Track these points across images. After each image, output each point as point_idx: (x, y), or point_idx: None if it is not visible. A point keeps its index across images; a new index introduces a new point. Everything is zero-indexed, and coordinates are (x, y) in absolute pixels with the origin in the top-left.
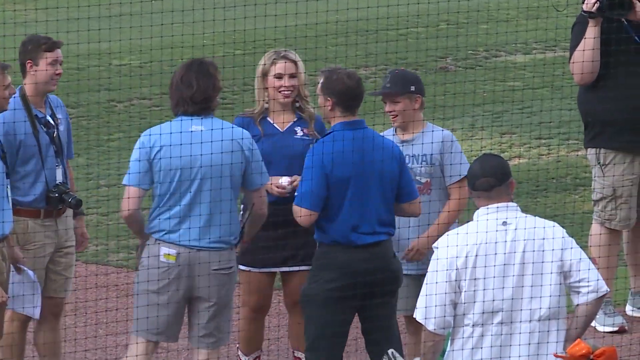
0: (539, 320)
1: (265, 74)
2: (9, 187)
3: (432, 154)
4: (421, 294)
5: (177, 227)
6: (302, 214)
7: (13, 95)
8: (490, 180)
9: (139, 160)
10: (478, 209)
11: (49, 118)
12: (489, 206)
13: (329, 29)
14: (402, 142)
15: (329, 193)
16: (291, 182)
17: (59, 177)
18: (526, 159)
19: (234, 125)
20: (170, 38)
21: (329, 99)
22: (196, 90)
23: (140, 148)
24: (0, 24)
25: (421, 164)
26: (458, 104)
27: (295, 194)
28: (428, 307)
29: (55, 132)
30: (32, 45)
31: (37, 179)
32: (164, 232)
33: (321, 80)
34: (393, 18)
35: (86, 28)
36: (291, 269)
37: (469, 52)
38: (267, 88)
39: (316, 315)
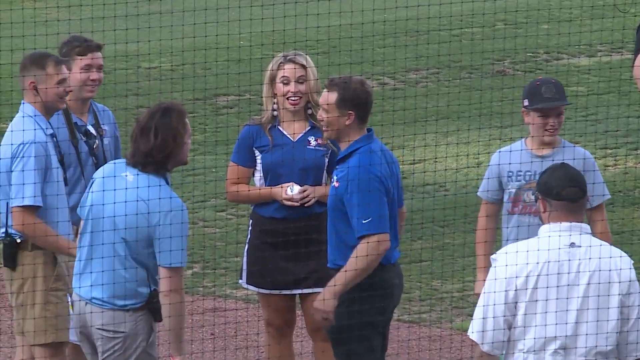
0: (606, 348)
1: (272, 80)
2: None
3: None
4: (476, 314)
5: (78, 275)
6: (379, 239)
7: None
8: (577, 190)
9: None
10: (544, 224)
11: (90, 127)
12: (562, 223)
13: (376, 29)
14: (538, 157)
15: None
16: (301, 192)
17: None
18: None
19: (161, 184)
20: (204, 39)
21: (351, 112)
22: (153, 146)
23: None
24: (20, 23)
25: None
26: (517, 111)
27: (363, 221)
28: (484, 327)
29: (97, 144)
30: (67, 48)
31: (72, 190)
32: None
33: (335, 95)
34: (445, 17)
35: (112, 28)
36: (311, 290)
37: (528, 54)
38: (275, 94)
39: (363, 344)
